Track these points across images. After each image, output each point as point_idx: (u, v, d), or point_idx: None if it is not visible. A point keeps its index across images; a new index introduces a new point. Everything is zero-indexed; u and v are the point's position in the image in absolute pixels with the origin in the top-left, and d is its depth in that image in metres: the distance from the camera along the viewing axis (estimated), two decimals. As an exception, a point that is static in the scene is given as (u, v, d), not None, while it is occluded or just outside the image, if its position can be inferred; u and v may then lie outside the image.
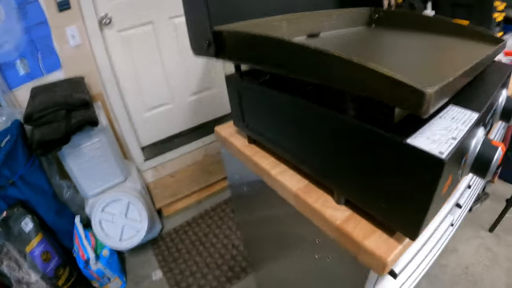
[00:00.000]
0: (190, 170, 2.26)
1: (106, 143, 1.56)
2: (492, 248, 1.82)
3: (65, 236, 1.59)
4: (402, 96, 0.35)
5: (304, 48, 0.43)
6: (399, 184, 0.44)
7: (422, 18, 0.81)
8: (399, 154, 0.42)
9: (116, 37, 1.81)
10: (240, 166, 0.86)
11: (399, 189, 0.44)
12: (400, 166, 0.42)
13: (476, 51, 0.63)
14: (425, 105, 0.34)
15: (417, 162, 0.40)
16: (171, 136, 2.30)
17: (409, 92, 0.34)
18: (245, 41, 0.57)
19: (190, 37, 0.68)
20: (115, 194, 1.62)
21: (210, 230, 1.98)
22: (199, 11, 0.60)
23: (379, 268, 0.51)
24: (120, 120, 1.93)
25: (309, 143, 0.58)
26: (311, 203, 0.60)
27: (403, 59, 0.61)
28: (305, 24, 0.76)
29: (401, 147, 0.41)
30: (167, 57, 2.04)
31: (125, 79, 1.92)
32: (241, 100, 0.72)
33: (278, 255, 1.00)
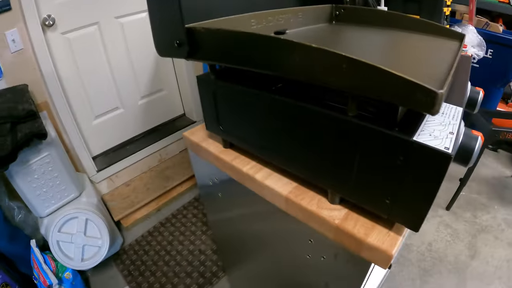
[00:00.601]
0: (146, 177, 2.19)
1: (56, 157, 1.46)
2: (451, 224, 1.96)
3: (22, 263, 1.47)
4: (415, 97, 0.36)
5: (307, 47, 0.42)
6: (405, 180, 0.45)
7: (382, 14, 0.85)
8: (406, 152, 0.43)
9: (60, 40, 1.70)
10: (213, 171, 0.84)
11: (405, 185, 0.45)
12: (406, 163, 0.43)
13: (446, 46, 0.66)
14: (437, 104, 0.35)
15: (425, 159, 0.41)
16: (123, 142, 2.21)
17: (423, 93, 0.35)
18: (225, 39, 0.54)
19: (155, 37, 0.64)
20: (71, 212, 1.52)
21: (174, 237, 1.93)
22: (169, 9, 0.57)
23: (384, 262, 0.52)
24: (69, 130, 1.81)
25: (302, 145, 0.57)
26: (305, 205, 0.60)
27: (379, 57, 0.63)
28: (273, 22, 0.76)
29: (408, 145, 0.42)
30: (114, 59, 1.95)
31: (71, 85, 1.81)
32: (217, 102, 0.69)
33: (256, 257, 1.00)
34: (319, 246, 0.65)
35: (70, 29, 1.72)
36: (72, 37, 1.74)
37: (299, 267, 0.76)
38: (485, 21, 2.32)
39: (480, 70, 2.12)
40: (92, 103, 1.94)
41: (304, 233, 0.66)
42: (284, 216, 0.66)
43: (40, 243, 1.56)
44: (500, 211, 2.05)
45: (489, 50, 2.08)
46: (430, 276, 1.68)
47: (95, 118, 2.00)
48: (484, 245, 1.84)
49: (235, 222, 0.95)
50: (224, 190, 0.88)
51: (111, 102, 2.05)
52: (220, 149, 0.77)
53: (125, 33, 1.94)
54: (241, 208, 0.86)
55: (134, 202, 2.03)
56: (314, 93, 0.54)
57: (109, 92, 2.01)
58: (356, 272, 0.61)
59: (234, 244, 1.09)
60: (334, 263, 0.64)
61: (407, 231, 0.69)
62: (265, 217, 0.77)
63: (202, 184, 0.95)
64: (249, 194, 0.72)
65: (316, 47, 0.41)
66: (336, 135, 0.49)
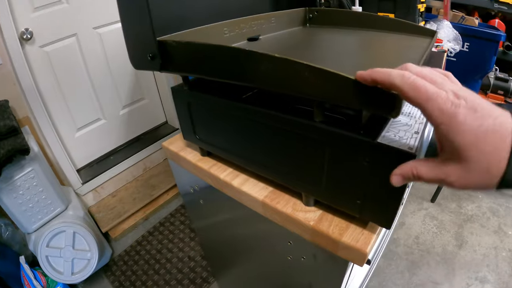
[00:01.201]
0: (132, 186, 2.18)
1: (40, 172, 1.44)
2: (437, 216, 1.99)
3: (13, 280, 1.45)
4: (375, 101, 0.37)
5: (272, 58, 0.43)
6: (372, 181, 0.46)
7: (354, 15, 0.87)
8: (371, 153, 0.44)
9: (39, 53, 1.68)
10: (194, 179, 0.84)
11: (373, 185, 0.47)
12: (373, 164, 0.45)
13: (416, 44, 0.68)
14: (397, 107, 0.36)
15: (390, 159, 0.42)
16: (107, 153, 2.19)
17: (382, 97, 0.36)
18: (194, 51, 0.55)
19: (129, 51, 0.64)
20: (58, 226, 1.51)
21: (163, 245, 1.92)
22: (141, 22, 0.57)
23: (360, 260, 0.53)
24: (51, 143, 1.80)
25: (274, 151, 0.58)
26: (281, 209, 0.61)
27: (350, 59, 0.65)
28: (246, 29, 0.77)
29: (373, 147, 0.43)
30: (94, 70, 1.94)
31: (52, 98, 1.80)
32: (191, 112, 0.70)
33: (243, 261, 1.00)
34: (298, 247, 0.66)
35: (48, 42, 1.70)
36: (51, 50, 1.72)
37: (283, 269, 0.77)
38: (461, 15, 2.35)
39: (458, 63, 2.15)
40: (73, 115, 1.93)
41: (283, 235, 0.67)
42: (263, 220, 0.67)
43: (30, 259, 1.54)
44: (484, 200, 2.09)
45: (465, 43, 2.12)
46: (419, 268, 1.70)
47: (77, 130, 1.99)
48: (471, 234, 1.87)
49: (218, 228, 0.96)
50: (205, 197, 0.88)
51: (93, 113, 2.04)
52: (198, 158, 0.77)
53: (104, 43, 1.93)
54: (222, 214, 0.87)
55: (121, 212, 2.02)
56: (285, 100, 0.55)
57: (90, 103, 2.00)
58: (336, 271, 0.62)
59: (220, 250, 1.10)
60: (314, 263, 0.65)
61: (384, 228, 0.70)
62: (246, 221, 0.78)
63: (183, 192, 0.96)
64: (228, 200, 0.73)
65: (278, 57, 0.42)
66: (305, 140, 0.51)
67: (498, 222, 1.94)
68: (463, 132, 0.32)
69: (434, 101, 0.32)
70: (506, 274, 1.64)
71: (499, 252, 1.76)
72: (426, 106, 0.33)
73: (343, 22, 0.88)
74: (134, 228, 2.07)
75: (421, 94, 0.33)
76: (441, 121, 0.32)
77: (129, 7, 0.58)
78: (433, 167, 0.36)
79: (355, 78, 0.37)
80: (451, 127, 0.32)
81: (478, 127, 0.31)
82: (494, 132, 0.31)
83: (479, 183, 0.33)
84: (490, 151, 0.31)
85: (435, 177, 0.36)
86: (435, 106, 0.32)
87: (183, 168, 0.83)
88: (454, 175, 0.34)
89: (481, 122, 0.31)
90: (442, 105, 0.32)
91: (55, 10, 1.68)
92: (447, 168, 0.35)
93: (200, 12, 0.70)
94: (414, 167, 0.38)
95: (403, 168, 0.39)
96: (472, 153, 0.32)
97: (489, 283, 1.62)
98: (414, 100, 0.34)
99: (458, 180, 0.34)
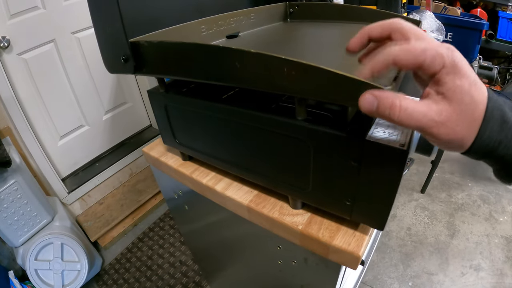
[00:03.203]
0: (119, 193, 2.13)
1: (24, 183, 1.40)
2: (427, 207, 1.99)
3: (2, 296, 1.41)
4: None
5: (248, 54, 0.40)
6: (363, 180, 0.44)
7: (337, 8, 0.85)
8: (360, 151, 0.42)
9: (17, 61, 1.63)
10: (177, 184, 0.81)
11: (363, 185, 0.44)
12: (362, 163, 0.42)
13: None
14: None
15: (380, 157, 0.40)
16: (92, 160, 2.15)
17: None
18: (167, 51, 0.51)
19: (102, 54, 0.61)
20: (45, 238, 1.47)
21: (153, 251, 1.89)
22: (112, 24, 0.53)
23: (352, 263, 0.51)
24: (34, 153, 1.75)
25: (257, 153, 0.55)
26: (267, 213, 0.58)
27: (333, 53, 0.62)
28: (224, 26, 0.74)
29: (361, 144, 0.41)
30: (74, 75, 1.90)
31: (32, 107, 1.75)
32: (169, 116, 0.67)
33: (234, 265, 0.98)
34: (288, 251, 0.64)
35: (26, 49, 1.66)
36: (29, 57, 1.68)
37: (274, 273, 0.75)
38: (443, 5, 2.36)
39: (441, 53, 2.15)
40: (55, 123, 1.88)
41: (271, 240, 0.64)
42: (250, 224, 0.64)
43: (19, 273, 1.51)
44: (474, 188, 2.10)
45: (448, 33, 2.12)
46: (413, 260, 1.70)
47: (60, 138, 1.94)
48: (462, 222, 1.88)
49: (205, 233, 0.93)
50: (189, 203, 0.86)
51: (75, 120, 1.99)
52: (180, 162, 0.74)
53: (83, 48, 1.89)
54: (208, 219, 0.84)
55: (109, 220, 1.98)
56: (267, 98, 0.52)
57: (72, 110, 1.95)
58: (329, 274, 0.60)
59: (210, 254, 1.07)
60: (305, 267, 0.62)
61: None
62: (232, 226, 0.75)
63: (168, 197, 0.93)
64: (213, 204, 0.71)
65: (254, 52, 0.39)
66: (289, 140, 0.48)
67: (489, 209, 1.95)
68: (463, 75, 0.32)
69: (433, 50, 0.32)
70: (500, 260, 1.65)
71: (492, 239, 1.76)
72: (426, 57, 0.32)
73: (325, 16, 0.85)
74: (124, 235, 2.03)
75: (421, 54, 0.32)
76: (443, 63, 0.32)
77: (99, 7, 0.55)
78: (422, 104, 0.33)
79: (357, 78, 0.34)
80: (453, 69, 0.32)
81: (471, 74, 0.32)
82: (478, 86, 0.32)
83: (461, 134, 0.33)
84: (477, 101, 0.32)
85: (424, 116, 0.32)
86: (434, 53, 0.32)
87: (165, 173, 0.80)
88: (445, 115, 0.32)
89: (471, 72, 0.32)
90: (441, 50, 0.32)
91: (32, 16, 1.64)
92: (439, 106, 0.32)
93: (176, 10, 0.67)
94: (398, 99, 0.32)
95: (383, 93, 0.32)
96: (467, 97, 0.32)
97: (483, 270, 1.62)
98: (416, 61, 0.32)
99: (448, 122, 0.32)
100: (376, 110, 0.32)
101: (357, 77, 0.33)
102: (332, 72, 0.34)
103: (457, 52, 0.32)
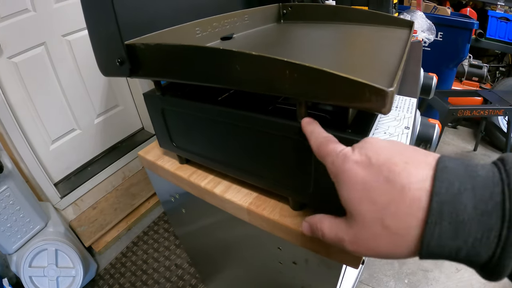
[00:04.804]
0: (112, 197, 2.11)
1: (16, 189, 1.39)
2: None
3: (-3, 304, 1.39)
4: (364, 98, 0.34)
5: (247, 55, 0.40)
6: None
7: (330, 9, 0.85)
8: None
9: (7, 65, 1.61)
10: (173, 188, 0.81)
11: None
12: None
13: (395, 36, 0.66)
14: (388, 103, 0.34)
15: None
16: (84, 164, 2.12)
17: (371, 93, 0.33)
18: (164, 53, 0.50)
19: (96, 57, 0.60)
20: (39, 244, 1.46)
21: (148, 255, 1.88)
22: (107, 26, 0.52)
23: (355, 262, 0.51)
24: (26, 158, 1.72)
25: (256, 155, 0.55)
26: (268, 215, 0.57)
27: (327, 54, 0.62)
28: (219, 28, 0.74)
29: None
30: (65, 79, 1.88)
31: (23, 111, 1.73)
32: (166, 119, 0.66)
33: (232, 267, 0.98)
34: (288, 253, 0.64)
35: (16, 53, 1.64)
36: (19, 61, 1.65)
37: (274, 274, 0.74)
38: (433, 5, 2.38)
39: (432, 53, 2.18)
40: (47, 127, 1.86)
41: (272, 241, 0.64)
42: (250, 226, 0.64)
43: (13, 280, 1.50)
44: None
45: (439, 33, 2.14)
46: (408, 258, 1.71)
47: (52, 143, 1.92)
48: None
49: (203, 236, 0.92)
50: (186, 206, 0.85)
51: (67, 124, 1.97)
52: (177, 166, 0.73)
53: (74, 51, 1.87)
54: (206, 222, 0.83)
55: (103, 224, 1.96)
56: (265, 99, 0.52)
57: (63, 114, 1.93)
58: (330, 274, 0.60)
59: (207, 256, 1.07)
60: (306, 267, 0.62)
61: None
62: (231, 228, 0.75)
63: (164, 201, 0.92)
64: (211, 207, 0.70)
65: (256, 55, 0.39)
66: (289, 141, 0.47)
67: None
68: (349, 185, 0.30)
69: (330, 156, 0.33)
70: (494, 257, 1.66)
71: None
72: (325, 161, 0.35)
73: (318, 17, 0.86)
74: (118, 239, 2.01)
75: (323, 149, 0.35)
76: (332, 174, 0.33)
77: (94, 9, 0.54)
78: (335, 225, 0.33)
79: (360, 80, 0.34)
80: (338, 179, 0.31)
81: (367, 179, 0.28)
82: (391, 185, 0.26)
83: (384, 250, 0.28)
84: (384, 208, 0.27)
85: (334, 237, 0.33)
86: (329, 160, 0.33)
87: (162, 177, 0.79)
88: (346, 234, 0.31)
89: (374, 173, 0.28)
90: (334, 158, 0.32)
91: (22, 19, 1.62)
92: (343, 226, 0.31)
93: (170, 12, 0.66)
94: (319, 221, 0.35)
95: (311, 219, 0.38)
96: (358, 208, 0.29)
97: (477, 267, 1.63)
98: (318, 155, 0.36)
99: (358, 240, 0.30)
100: (312, 235, 0.38)
101: (360, 79, 0.33)
102: (335, 74, 0.34)
103: (363, 151, 0.30)
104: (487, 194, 0.23)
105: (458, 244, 0.24)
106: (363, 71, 0.49)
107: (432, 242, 0.25)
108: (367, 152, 0.29)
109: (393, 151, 0.28)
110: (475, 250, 0.24)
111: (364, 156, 0.29)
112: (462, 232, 0.24)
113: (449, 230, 0.24)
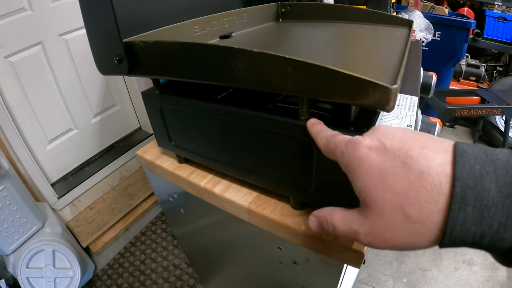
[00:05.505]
0: (109, 197, 2.10)
1: (13, 189, 1.37)
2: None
3: (-7, 305, 1.38)
4: (368, 96, 0.34)
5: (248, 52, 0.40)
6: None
7: (329, 8, 0.85)
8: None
9: (4, 65, 1.60)
10: (172, 188, 0.80)
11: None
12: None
13: (394, 35, 0.66)
14: (392, 101, 0.33)
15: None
16: (82, 164, 2.11)
17: (375, 91, 0.33)
18: (163, 51, 0.50)
19: (94, 55, 0.59)
20: (36, 245, 1.44)
21: (146, 256, 1.87)
22: (106, 24, 0.52)
23: (356, 262, 0.50)
24: (22, 158, 1.71)
25: (257, 154, 0.54)
26: (268, 215, 0.57)
27: (326, 52, 0.62)
28: (217, 26, 0.74)
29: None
30: (62, 78, 1.86)
31: (20, 111, 1.71)
32: (165, 118, 0.65)
33: (232, 267, 0.97)
34: (289, 252, 0.63)
35: (12, 52, 1.62)
36: (16, 60, 1.64)
37: (274, 274, 0.74)
38: (431, 5, 2.39)
39: (430, 52, 2.18)
40: (43, 127, 1.85)
41: (272, 241, 0.64)
42: (249, 226, 0.63)
43: (10, 281, 1.49)
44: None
45: (437, 32, 2.14)
46: (407, 257, 1.71)
47: (49, 143, 1.90)
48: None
49: (202, 236, 0.92)
50: (185, 206, 0.84)
51: (64, 124, 1.96)
52: (176, 165, 0.72)
53: (71, 50, 1.86)
54: (205, 222, 0.83)
55: (100, 225, 1.95)
56: (264, 97, 0.52)
57: (60, 114, 1.92)
58: (331, 273, 0.59)
59: (206, 256, 1.06)
60: (307, 267, 0.62)
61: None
62: (231, 228, 0.74)
63: (162, 201, 0.91)
64: (211, 207, 0.69)
65: (257, 52, 0.38)
66: (290, 140, 0.47)
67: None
68: (364, 172, 0.28)
69: (339, 147, 0.32)
70: (492, 256, 1.67)
71: (484, 235, 1.78)
72: (334, 154, 0.33)
73: (316, 16, 0.86)
74: (115, 240, 2.00)
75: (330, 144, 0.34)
76: (343, 165, 0.31)
77: (92, 7, 0.54)
78: (347, 217, 0.31)
79: (363, 77, 0.33)
80: (351, 169, 0.29)
81: (383, 165, 0.27)
82: (409, 170, 0.25)
83: (401, 241, 0.27)
84: (420, 189, 0.25)
85: (347, 230, 0.31)
86: (338, 151, 0.31)
87: (160, 177, 0.78)
88: (361, 226, 0.29)
89: (390, 159, 0.27)
90: (343, 148, 0.31)
91: (19, 18, 1.60)
92: (357, 218, 0.30)
93: (169, 10, 0.66)
94: (329, 214, 0.34)
95: (320, 212, 0.36)
96: (374, 196, 0.27)
97: (476, 264, 1.64)
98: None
99: (365, 234, 0.29)
100: (320, 230, 0.36)
101: (363, 76, 0.33)
102: (339, 71, 0.34)
103: (374, 136, 0.29)
104: (510, 176, 0.23)
105: (482, 229, 0.23)
106: (365, 69, 0.48)
107: (456, 229, 0.24)
108: (380, 137, 0.28)
109: (406, 136, 0.27)
110: (499, 235, 0.23)
111: (377, 141, 0.28)
112: (487, 217, 0.23)
113: (473, 215, 0.23)
